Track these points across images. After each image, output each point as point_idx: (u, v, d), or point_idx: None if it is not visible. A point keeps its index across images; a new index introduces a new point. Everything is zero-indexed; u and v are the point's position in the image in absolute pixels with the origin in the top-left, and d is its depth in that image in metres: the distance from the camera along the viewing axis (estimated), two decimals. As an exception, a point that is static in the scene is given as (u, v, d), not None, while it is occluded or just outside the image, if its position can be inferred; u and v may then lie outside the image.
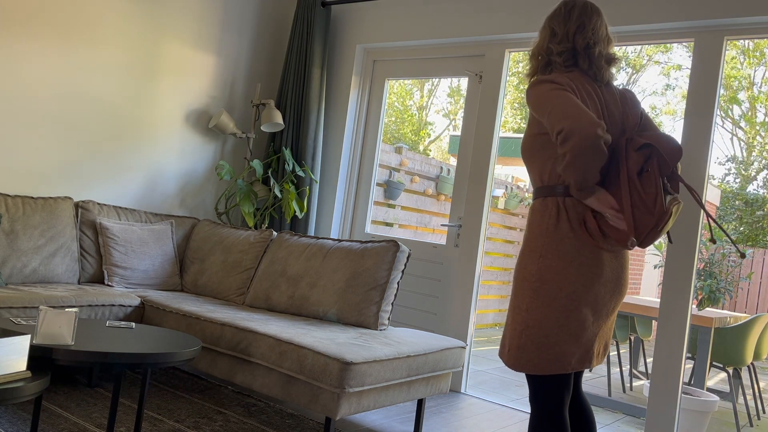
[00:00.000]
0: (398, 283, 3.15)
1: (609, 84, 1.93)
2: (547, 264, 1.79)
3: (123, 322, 2.60)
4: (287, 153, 4.38)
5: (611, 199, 1.74)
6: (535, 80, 1.86)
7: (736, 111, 15.95)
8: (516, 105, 15.49)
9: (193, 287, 3.76)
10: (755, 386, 5.02)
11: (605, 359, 1.99)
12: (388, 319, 3.12)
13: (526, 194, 9.60)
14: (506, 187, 9.06)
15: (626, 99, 1.94)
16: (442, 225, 5.04)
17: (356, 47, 4.58)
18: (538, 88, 1.82)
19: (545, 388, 1.81)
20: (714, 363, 4.58)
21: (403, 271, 3.19)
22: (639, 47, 15.68)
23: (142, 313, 3.26)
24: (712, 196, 11.98)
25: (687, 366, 5.06)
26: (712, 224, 2.14)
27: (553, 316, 1.77)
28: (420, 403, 3.01)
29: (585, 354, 1.80)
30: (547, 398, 1.81)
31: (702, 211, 2.10)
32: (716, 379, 6.73)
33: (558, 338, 1.77)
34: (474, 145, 4.01)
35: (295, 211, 4.31)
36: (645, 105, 15.77)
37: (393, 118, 16.69)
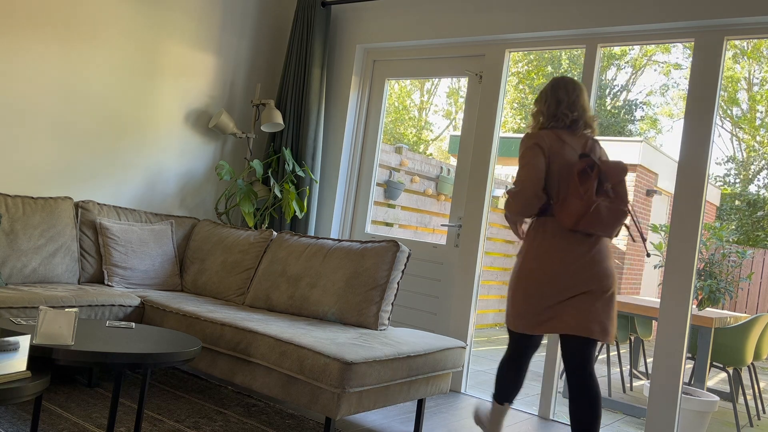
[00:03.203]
0: (398, 283, 3.15)
1: (582, 135, 2.74)
2: (525, 259, 2.61)
3: (123, 322, 2.60)
4: (287, 153, 4.38)
5: (520, 230, 2.74)
6: (526, 133, 2.70)
7: (736, 111, 15.95)
8: (516, 105, 15.49)
9: (193, 287, 3.76)
10: (755, 386, 5.02)
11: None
12: (388, 319, 3.12)
13: (526, 194, 9.59)
14: (506, 187, 9.06)
15: (596, 144, 2.77)
16: (442, 225, 5.04)
17: (356, 47, 4.58)
18: (524, 142, 2.65)
19: (512, 338, 2.71)
20: (714, 363, 4.58)
21: (403, 271, 3.19)
22: (638, 47, 15.69)
23: (142, 313, 3.26)
24: (712, 196, 11.98)
25: (687, 366, 5.06)
26: (635, 234, 2.77)
27: (520, 293, 2.59)
28: (420, 403, 3.01)
29: (534, 324, 2.56)
30: (512, 346, 2.71)
31: (631, 220, 2.75)
32: (716, 379, 6.72)
33: (520, 308, 2.58)
34: (474, 145, 4.01)
35: (295, 211, 4.31)
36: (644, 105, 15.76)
37: (393, 118, 16.69)
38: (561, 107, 2.71)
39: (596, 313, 2.48)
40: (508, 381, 2.72)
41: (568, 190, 2.54)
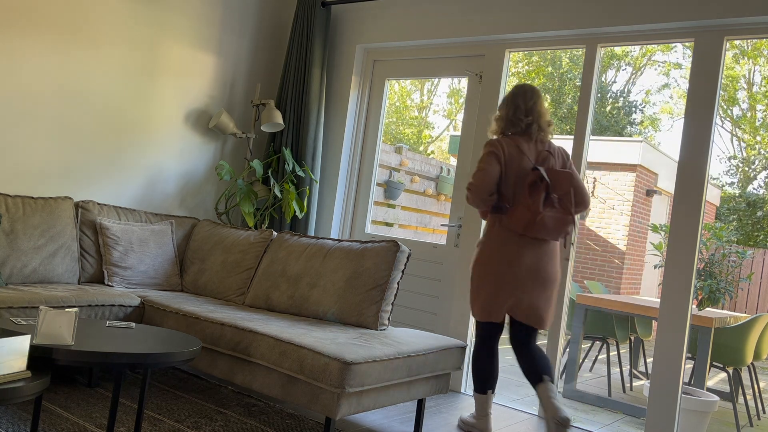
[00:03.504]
0: (398, 283, 3.15)
1: (539, 140, 3.05)
2: (484, 256, 2.99)
3: (123, 322, 2.60)
4: (287, 153, 4.38)
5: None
6: (489, 139, 3.03)
7: (736, 111, 15.95)
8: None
9: (193, 287, 3.76)
10: (755, 386, 5.02)
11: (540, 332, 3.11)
12: (388, 319, 3.12)
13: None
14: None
15: (554, 150, 3.07)
16: (442, 225, 5.04)
17: (356, 47, 4.58)
18: (485, 147, 3.00)
19: (482, 327, 3.07)
20: (714, 363, 4.58)
21: (403, 271, 3.19)
22: (639, 47, 15.69)
23: (142, 313, 3.26)
24: (711, 196, 11.98)
25: (687, 366, 5.06)
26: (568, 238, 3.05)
27: (483, 290, 2.98)
28: (420, 403, 3.01)
29: (498, 313, 2.98)
30: (483, 335, 3.07)
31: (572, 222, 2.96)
32: (716, 379, 6.73)
33: (485, 302, 2.98)
34: (474, 145, 4.01)
35: (295, 211, 4.31)
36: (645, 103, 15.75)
37: (393, 118, 16.69)
38: (518, 113, 3.03)
39: (540, 306, 2.95)
40: (487, 369, 3.03)
41: (519, 198, 2.91)
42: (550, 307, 2.98)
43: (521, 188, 2.92)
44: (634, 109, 16.05)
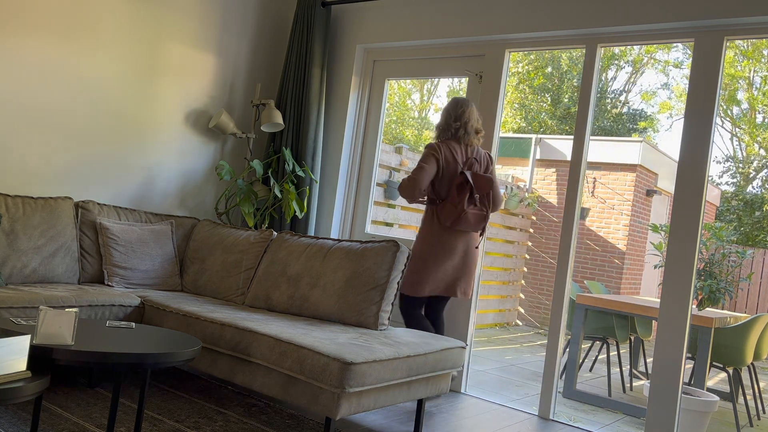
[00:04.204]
0: (398, 283, 3.15)
1: (467, 144, 3.58)
2: (425, 242, 3.51)
3: (123, 322, 2.60)
4: (287, 153, 4.38)
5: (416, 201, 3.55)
6: (430, 143, 3.54)
7: (736, 111, 15.95)
8: (516, 105, 15.49)
9: (193, 287, 3.76)
10: (755, 386, 5.02)
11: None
12: (388, 319, 3.12)
13: (526, 194, 9.61)
14: (506, 187, 9.06)
15: (481, 155, 3.61)
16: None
17: (356, 47, 4.58)
18: (426, 149, 3.51)
19: (407, 300, 3.59)
20: (714, 363, 4.58)
21: (403, 271, 3.19)
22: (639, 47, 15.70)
23: (142, 313, 3.26)
24: (711, 196, 11.98)
25: (687, 366, 5.07)
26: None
27: (424, 270, 3.49)
28: (420, 403, 3.01)
29: (421, 288, 3.49)
30: (406, 306, 3.58)
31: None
32: (716, 379, 6.73)
33: (423, 280, 3.49)
34: (474, 145, 4.01)
35: (295, 211, 4.31)
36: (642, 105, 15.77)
37: (393, 118, 16.69)
38: (449, 120, 3.56)
39: (470, 282, 3.60)
40: (427, 327, 3.55)
41: (449, 196, 3.46)
42: (474, 281, 3.67)
43: (451, 188, 3.47)
44: (633, 112, 16.05)
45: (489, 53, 4.03)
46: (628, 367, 5.86)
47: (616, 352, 6.81)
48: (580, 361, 5.09)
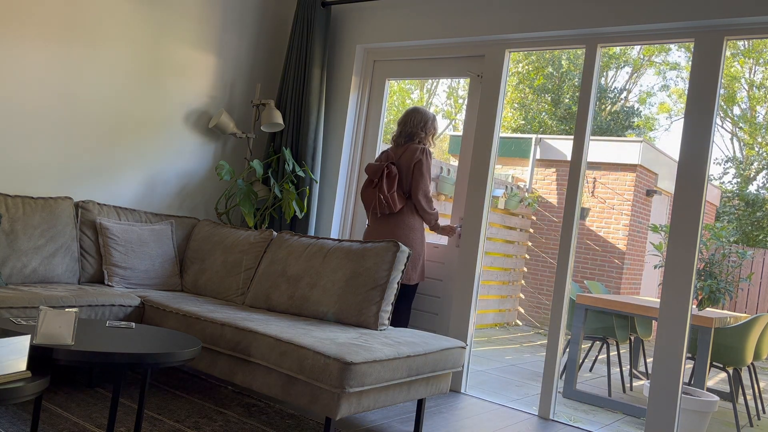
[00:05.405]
0: (398, 283, 3.15)
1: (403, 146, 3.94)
2: (417, 234, 3.84)
3: (123, 322, 2.60)
4: (287, 153, 4.38)
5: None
6: (424, 147, 3.88)
7: (736, 111, 15.95)
8: (516, 105, 15.49)
9: (193, 287, 3.76)
10: (755, 386, 5.02)
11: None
12: (388, 319, 3.12)
13: (526, 194, 9.61)
14: (506, 187, 9.06)
15: (394, 163, 3.93)
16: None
17: (356, 47, 4.58)
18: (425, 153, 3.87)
19: (410, 288, 3.82)
20: (714, 363, 4.58)
21: (403, 271, 3.19)
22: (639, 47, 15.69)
23: (142, 313, 3.26)
24: (712, 196, 11.98)
25: (687, 366, 5.07)
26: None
27: (417, 259, 3.80)
28: (420, 403, 3.01)
29: (422, 275, 3.84)
30: (409, 293, 3.83)
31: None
32: (716, 379, 6.73)
33: (418, 268, 3.82)
34: (474, 145, 4.01)
35: (295, 211, 4.30)
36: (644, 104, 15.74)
37: (393, 118, 16.69)
38: (398, 128, 3.99)
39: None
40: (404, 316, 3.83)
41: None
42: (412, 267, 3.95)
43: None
44: (632, 113, 16.05)
45: (489, 53, 4.03)
46: (628, 367, 5.86)
47: (616, 352, 6.81)
48: (580, 361, 5.09)
